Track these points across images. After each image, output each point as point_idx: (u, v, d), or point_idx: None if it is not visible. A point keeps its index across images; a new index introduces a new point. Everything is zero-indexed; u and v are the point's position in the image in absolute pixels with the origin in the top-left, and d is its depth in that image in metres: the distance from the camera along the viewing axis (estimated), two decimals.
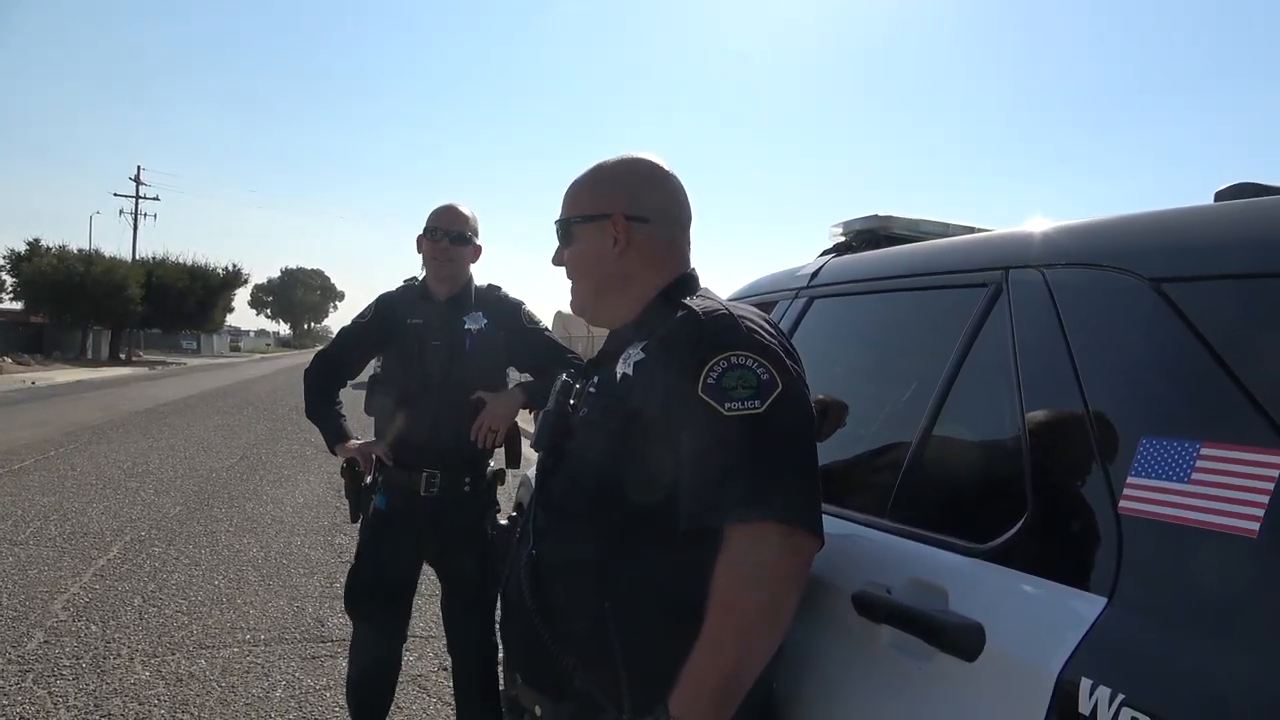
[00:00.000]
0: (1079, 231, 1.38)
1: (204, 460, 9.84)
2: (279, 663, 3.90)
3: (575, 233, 1.51)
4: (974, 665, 1.12)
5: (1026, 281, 1.37)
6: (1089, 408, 1.16)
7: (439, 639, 3.97)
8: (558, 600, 1.38)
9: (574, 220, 1.51)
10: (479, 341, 2.73)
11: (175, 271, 42.65)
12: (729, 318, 1.31)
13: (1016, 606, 1.13)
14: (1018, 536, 1.19)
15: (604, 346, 1.55)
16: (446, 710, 3.43)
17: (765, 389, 1.22)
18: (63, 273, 35.58)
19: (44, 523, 6.35)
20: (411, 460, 2.66)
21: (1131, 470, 1.06)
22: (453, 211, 2.73)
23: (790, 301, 2.12)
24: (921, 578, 1.28)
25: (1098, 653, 1.00)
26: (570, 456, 1.48)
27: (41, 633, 4.13)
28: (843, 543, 1.47)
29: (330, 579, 5.18)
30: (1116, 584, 1.04)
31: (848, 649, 1.37)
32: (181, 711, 3.36)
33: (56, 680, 3.59)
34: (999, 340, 1.36)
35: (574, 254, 1.52)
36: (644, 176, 1.52)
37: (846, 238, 2.25)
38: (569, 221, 1.52)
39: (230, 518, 6.82)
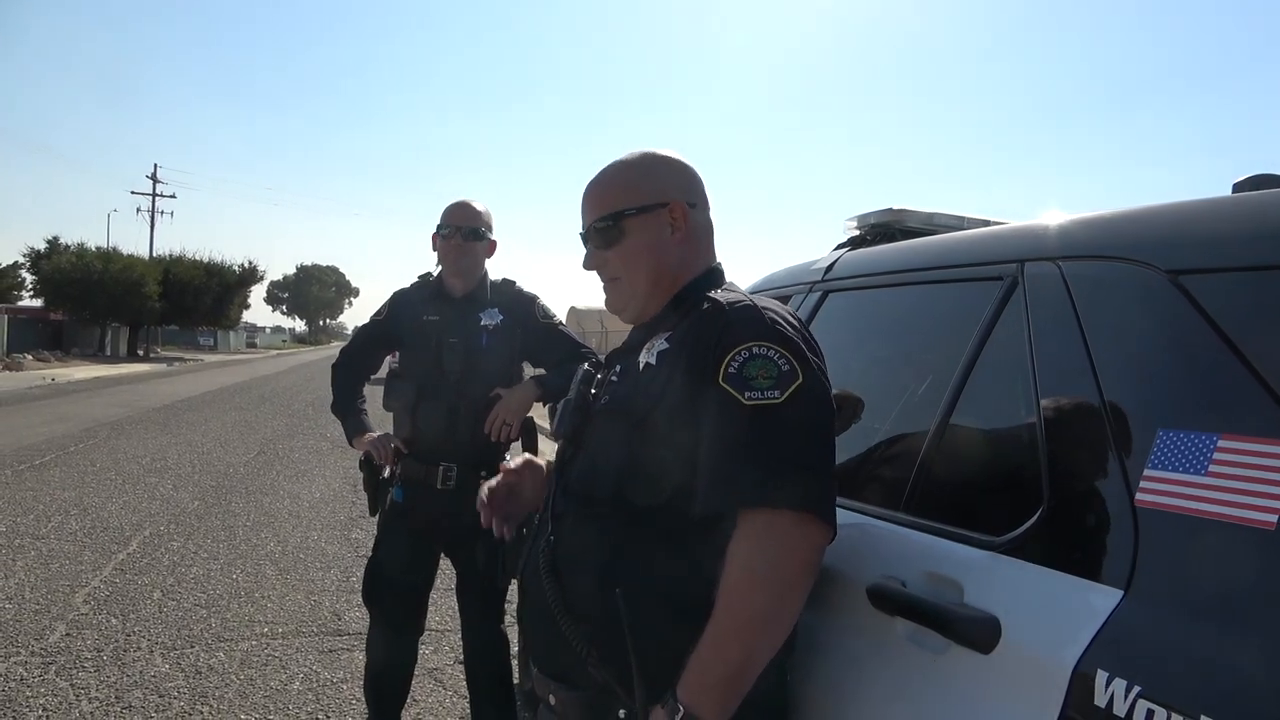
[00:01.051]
0: (1094, 224, 1.37)
1: (221, 455, 9.92)
2: (296, 656, 3.93)
3: (628, 226, 1.48)
4: (989, 658, 1.13)
5: (1042, 274, 1.36)
6: (1105, 400, 1.16)
7: (454, 632, 3.99)
8: (574, 587, 1.39)
9: (627, 213, 1.48)
10: (494, 337, 2.75)
11: (192, 269, 42.96)
12: (752, 309, 1.33)
13: (1032, 599, 1.13)
14: (1033, 529, 1.18)
15: (628, 339, 1.57)
16: (462, 703, 3.45)
17: (785, 379, 1.23)
18: (81, 270, 35.90)
19: (65, 517, 6.42)
20: (428, 454, 2.68)
21: (1148, 463, 1.06)
22: (466, 208, 2.74)
23: (805, 295, 2.12)
24: (937, 570, 1.28)
25: (1114, 645, 1.00)
26: (590, 444, 1.49)
27: (64, 625, 4.18)
28: (858, 535, 1.47)
29: (346, 573, 5.21)
30: (1133, 577, 1.03)
31: (862, 641, 1.37)
32: (201, 703, 3.40)
33: (78, 672, 3.64)
34: (1014, 333, 1.36)
35: (629, 247, 1.49)
36: (682, 165, 1.55)
37: (861, 231, 2.25)
38: (621, 215, 1.49)
39: (248, 512, 6.88)
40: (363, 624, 4.22)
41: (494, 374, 2.72)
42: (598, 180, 1.55)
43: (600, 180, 1.54)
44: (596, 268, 1.54)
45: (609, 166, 1.56)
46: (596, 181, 1.55)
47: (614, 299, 1.55)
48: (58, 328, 38.65)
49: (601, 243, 1.51)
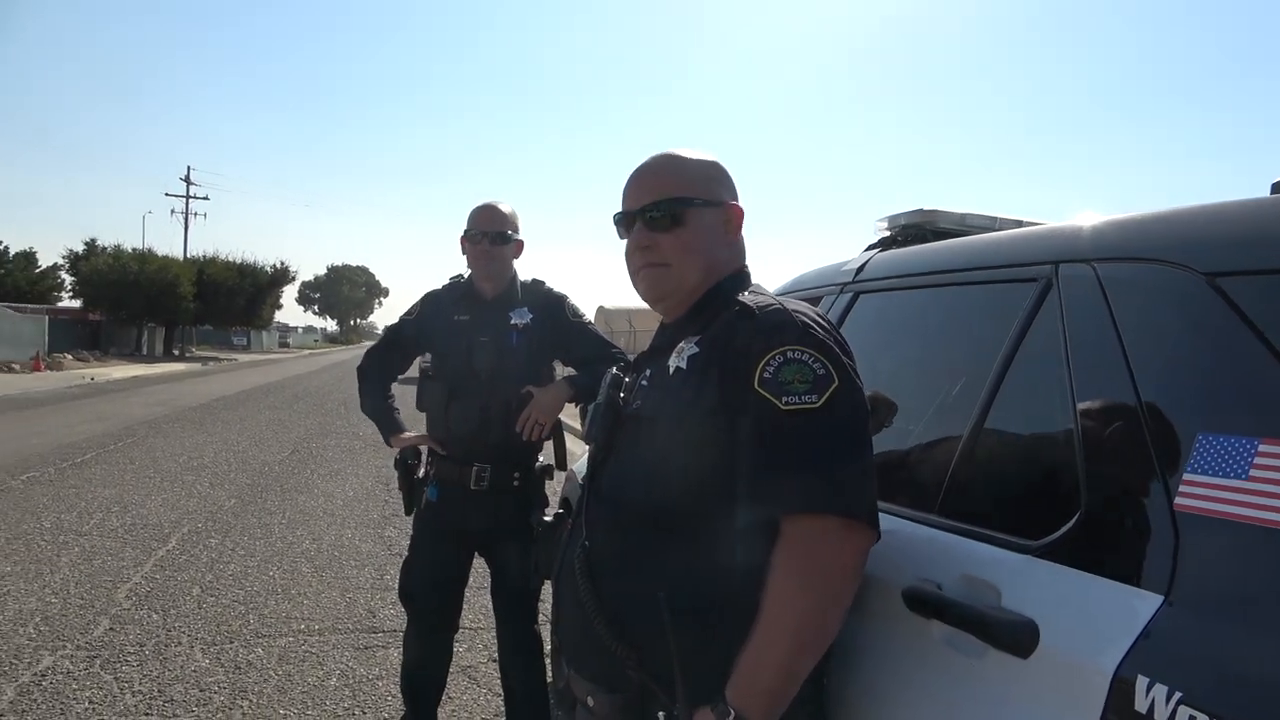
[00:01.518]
0: (1130, 225, 1.36)
1: (256, 454, 10.06)
2: (333, 652, 3.99)
3: (690, 215, 1.47)
4: (1027, 662, 1.12)
5: (1077, 276, 1.35)
6: (1143, 403, 1.15)
7: (488, 630, 4.03)
8: (611, 592, 1.40)
9: (694, 202, 1.48)
10: (524, 336, 2.77)
11: (225, 269, 43.59)
12: (784, 312, 1.33)
13: (1070, 604, 1.13)
14: (1071, 533, 1.18)
15: (654, 341, 1.57)
16: (496, 701, 3.48)
17: (822, 383, 1.23)
18: (118, 271, 36.58)
19: (106, 514, 6.55)
20: (462, 454, 2.70)
21: (1188, 467, 1.05)
22: (492, 212, 2.75)
23: (835, 297, 2.12)
24: (973, 574, 1.28)
25: (1154, 651, 0.99)
26: (622, 449, 1.49)
27: (107, 620, 4.27)
28: (892, 538, 1.46)
29: (381, 571, 5.28)
30: (1173, 581, 1.03)
31: (898, 645, 1.37)
32: (240, 698, 3.46)
33: (122, 666, 3.72)
34: (1050, 335, 1.35)
35: (686, 236, 1.47)
36: (729, 174, 1.56)
37: (892, 232, 2.24)
38: (687, 201, 1.48)
39: (283, 510, 6.98)
40: (396, 621, 4.28)
41: (524, 373, 2.74)
42: (659, 165, 1.53)
43: (662, 166, 1.53)
44: (644, 247, 1.49)
45: (668, 155, 1.54)
46: (657, 166, 1.53)
47: (656, 286, 1.51)
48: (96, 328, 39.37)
49: (658, 225, 1.48)
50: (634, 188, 1.53)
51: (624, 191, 1.55)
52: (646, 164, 1.55)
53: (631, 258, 1.53)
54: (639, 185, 1.52)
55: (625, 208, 1.54)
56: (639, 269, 1.52)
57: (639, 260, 1.51)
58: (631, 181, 1.54)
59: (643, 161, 1.56)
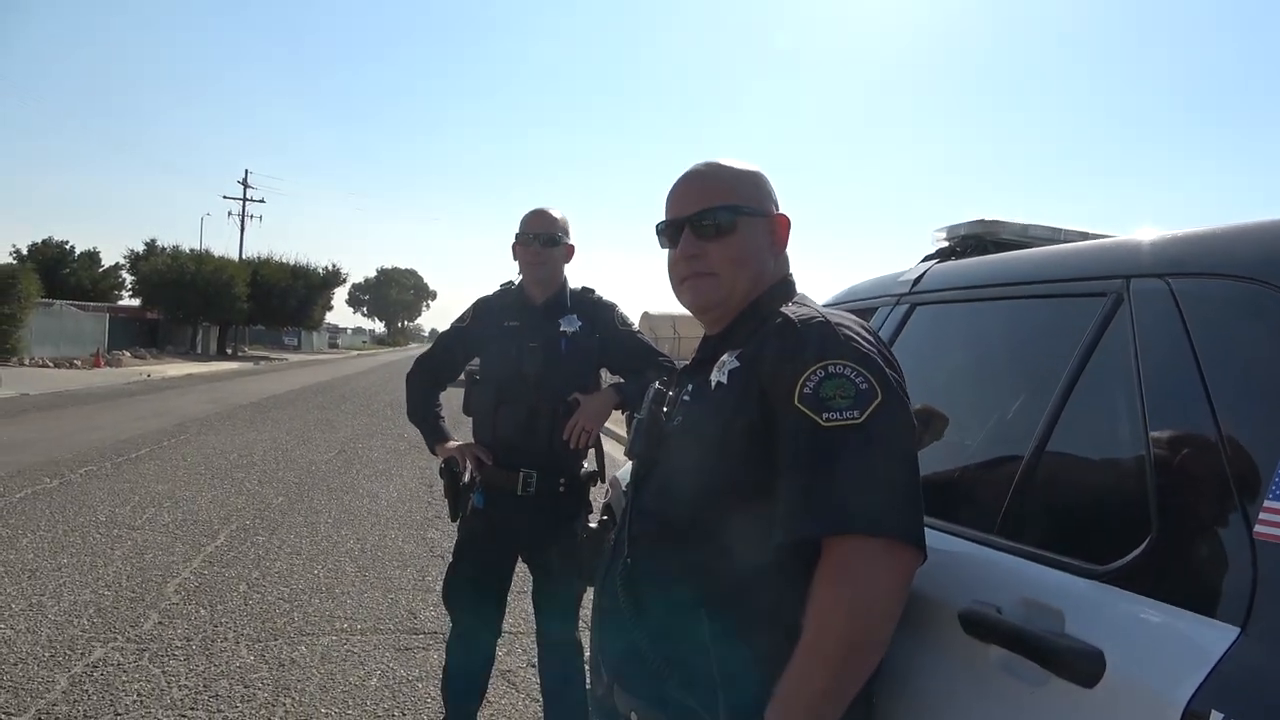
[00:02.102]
0: (1207, 239, 1.30)
1: (304, 453, 10.22)
2: (374, 652, 4.02)
3: (740, 223, 1.45)
4: (1092, 692, 1.08)
5: (1150, 291, 1.30)
6: (1220, 426, 1.10)
7: (527, 635, 4.02)
8: (654, 608, 1.38)
9: (744, 210, 1.46)
10: (574, 344, 2.77)
11: (278, 271, 44.48)
12: (826, 325, 1.29)
13: (1139, 632, 1.08)
14: (1141, 559, 1.13)
15: (697, 354, 1.54)
16: (534, 706, 3.47)
17: (864, 398, 1.19)
18: (176, 271, 37.50)
19: (158, 509, 6.70)
20: (509, 460, 2.70)
21: (1270, 494, 1.00)
22: (543, 216, 2.77)
23: (891, 308, 2.08)
24: (1035, 598, 1.23)
25: (1230, 685, 0.95)
26: (664, 464, 1.47)
27: (156, 614, 4.36)
28: (948, 559, 1.42)
29: (422, 572, 5.31)
30: (1250, 613, 0.98)
31: (954, 669, 1.33)
32: (284, 695, 3.50)
33: (169, 660, 3.78)
34: (1119, 352, 1.30)
35: (737, 244, 1.45)
36: (771, 182, 1.53)
37: (950, 243, 2.19)
38: (737, 209, 1.46)
39: (329, 509, 7.07)
40: (437, 624, 4.31)
41: (573, 380, 2.74)
42: (707, 173, 1.51)
43: (710, 174, 1.50)
44: (692, 256, 1.46)
45: (714, 164, 1.52)
46: (705, 174, 1.51)
47: (704, 296, 1.48)
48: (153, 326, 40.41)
49: (707, 233, 1.45)
50: (680, 195, 1.50)
51: (669, 199, 1.52)
52: (693, 172, 1.52)
53: (677, 267, 1.50)
54: (686, 193, 1.50)
55: (671, 216, 1.51)
56: (685, 278, 1.49)
57: (685, 269, 1.48)
58: (677, 189, 1.52)
59: (687, 170, 1.54)
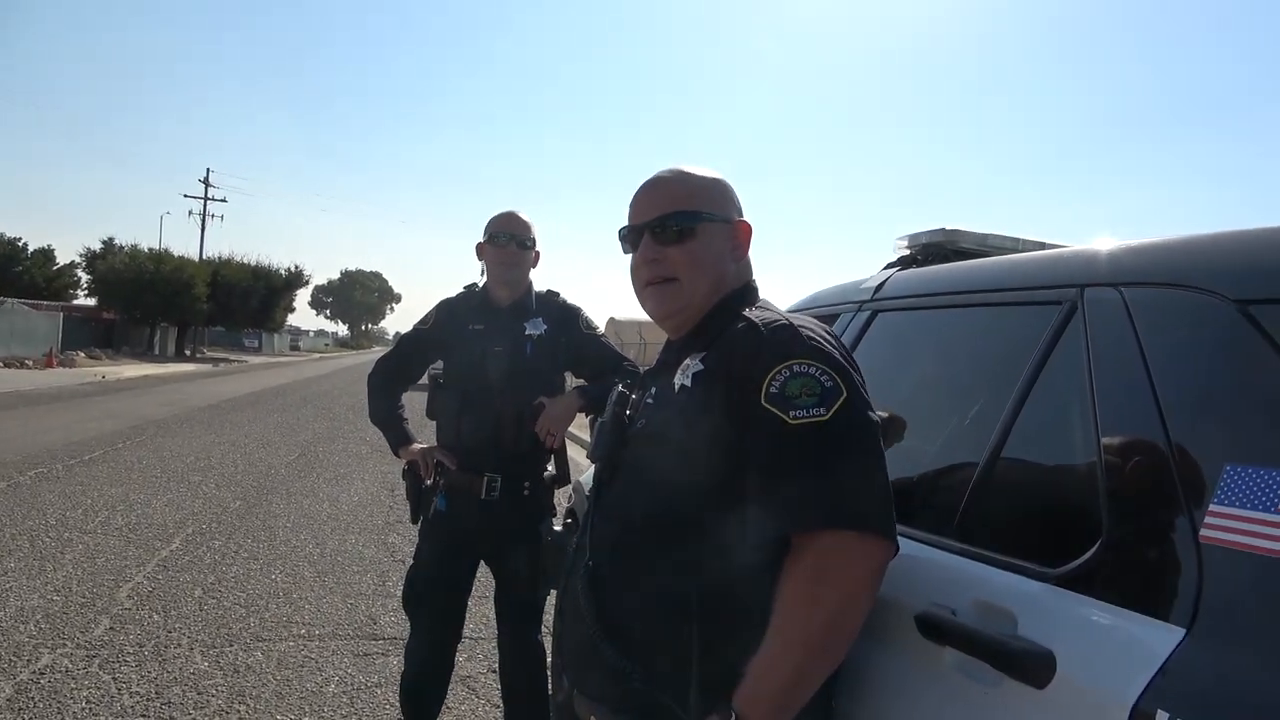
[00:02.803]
0: (1159, 250, 1.34)
1: (264, 456, 10.07)
2: (332, 658, 3.96)
3: (701, 229, 1.46)
4: (1044, 693, 1.10)
5: (1103, 300, 1.33)
6: (1169, 432, 1.12)
7: (489, 640, 4.00)
8: (617, 610, 1.38)
9: (705, 216, 1.46)
10: (539, 346, 2.76)
11: (240, 271, 43.83)
12: (789, 327, 1.31)
13: (1089, 634, 1.10)
14: (1091, 562, 1.15)
15: (660, 357, 1.55)
16: (495, 712, 3.45)
17: (830, 396, 1.21)
18: (134, 270, 36.79)
19: (111, 513, 6.56)
20: (473, 464, 2.69)
21: (1214, 498, 1.03)
22: (515, 218, 2.76)
23: (853, 315, 2.10)
24: (988, 600, 1.25)
25: (1176, 685, 0.97)
26: (627, 467, 1.48)
27: (108, 620, 4.26)
28: (905, 561, 1.43)
29: (383, 577, 5.25)
30: (1196, 615, 1.00)
31: (910, 670, 1.34)
32: (238, 702, 3.43)
33: (120, 667, 3.70)
34: (1073, 360, 1.33)
35: (697, 250, 1.46)
36: (734, 189, 1.54)
37: (912, 251, 2.22)
38: (699, 216, 1.46)
39: (288, 514, 6.97)
40: (397, 629, 4.26)
41: (538, 383, 2.73)
42: (668, 179, 1.52)
43: (672, 180, 1.51)
44: (652, 261, 1.47)
45: (676, 170, 1.53)
46: (667, 180, 1.51)
47: (665, 302, 1.48)
48: (109, 326, 39.61)
49: (668, 238, 1.46)
50: (642, 201, 1.51)
51: (632, 205, 1.54)
52: (654, 179, 1.53)
53: (638, 272, 1.51)
54: (647, 199, 1.51)
55: (632, 222, 1.52)
56: (646, 284, 1.50)
57: (646, 274, 1.49)
58: (639, 196, 1.53)
59: (649, 177, 1.55)
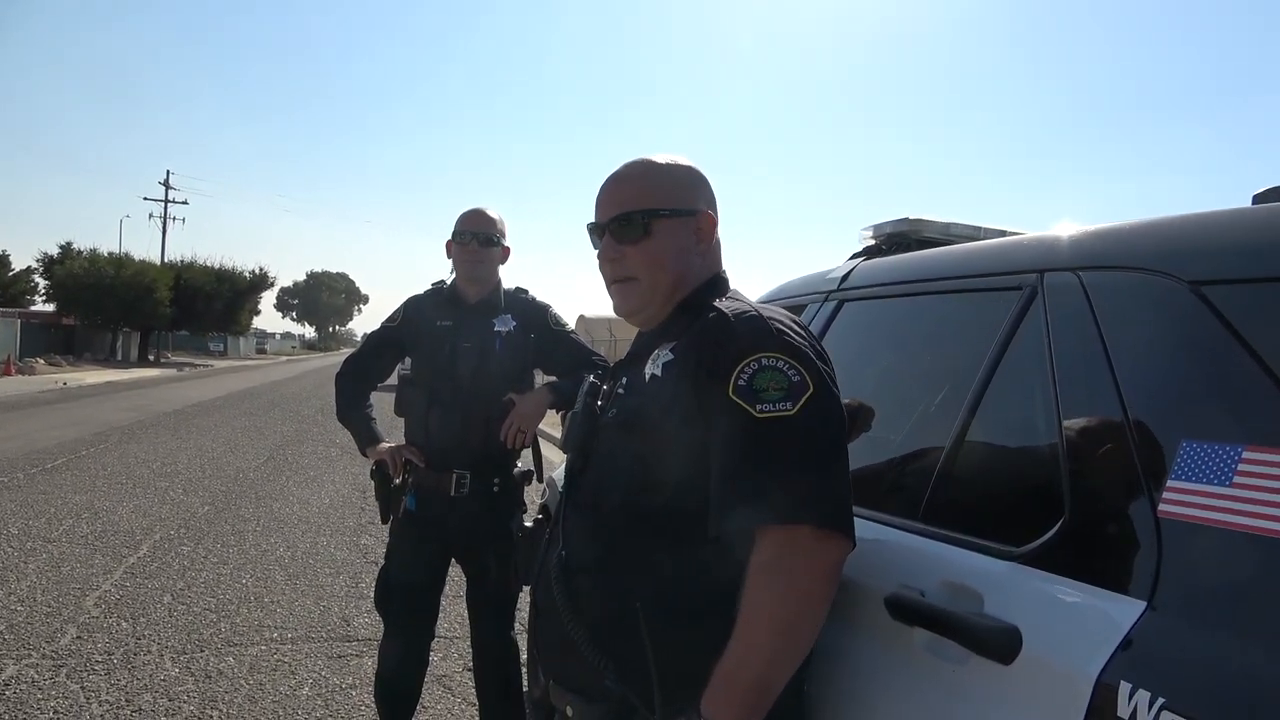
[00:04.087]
0: (1115, 234, 1.37)
1: (232, 460, 9.94)
2: (306, 661, 3.93)
3: (656, 226, 1.45)
4: (1010, 668, 1.12)
5: (1062, 284, 1.36)
6: (1127, 411, 1.15)
7: (463, 639, 3.98)
8: (589, 601, 1.38)
9: (660, 213, 1.45)
10: (507, 343, 2.75)
11: (203, 274, 43.20)
12: (759, 319, 1.31)
13: (1053, 610, 1.13)
14: (1054, 540, 1.18)
15: (632, 348, 1.55)
16: (470, 710, 3.44)
17: (797, 390, 1.21)
18: (93, 275, 36.09)
19: (76, 521, 6.44)
20: (442, 461, 2.68)
21: (1171, 474, 1.05)
22: (481, 215, 2.75)
23: (820, 304, 2.12)
24: (955, 580, 1.28)
25: (1137, 656, 0.99)
26: (599, 457, 1.48)
27: (74, 629, 4.19)
28: (874, 545, 1.46)
29: (356, 579, 5.21)
30: (1156, 588, 1.03)
31: (881, 651, 1.36)
32: (210, 708, 3.40)
33: (89, 675, 3.64)
34: (1034, 343, 1.36)
35: (653, 248, 1.45)
36: (705, 178, 1.54)
37: (877, 241, 2.25)
38: (653, 213, 1.45)
39: (258, 517, 6.89)
40: (371, 630, 4.23)
41: (507, 380, 2.72)
42: (627, 175, 1.51)
43: (630, 175, 1.50)
44: (612, 260, 1.48)
45: (638, 163, 1.52)
46: (626, 176, 1.51)
47: (626, 300, 1.49)
48: (69, 332, 38.85)
49: (623, 238, 1.46)
50: (604, 198, 1.51)
51: (596, 200, 1.53)
52: (616, 173, 1.53)
53: (602, 269, 1.52)
54: (608, 196, 1.51)
55: (596, 218, 1.52)
56: (610, 283, 1.51)
57: (608, 273, 1.51)
58: (602, 191, 1.52)
59: (614, 170, 1.54)
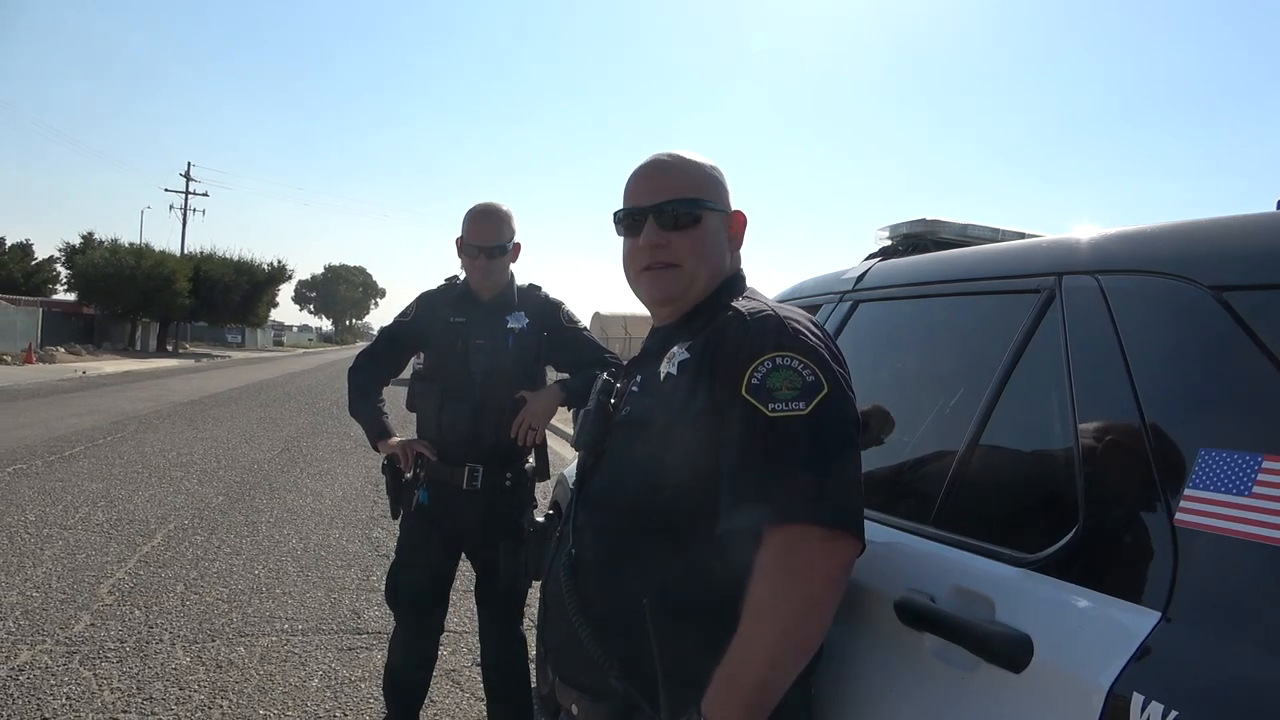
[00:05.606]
0: (1136, 238, 1.34)
1: (246, 451, 10.00)
2: (316, 653, 3.95)
3: (706, 217, 1.45)
4: (1021, 677, 1.10)
5: (1081, 288, 1.34)
6: (1145, 418, 1.13)
7: (472, 634, 3.99)
8: (597, 599, 1.37)
9: (707, 204, 1.46)
10: (520, 340, 2.75)
11: (222, 266, 43.52)
12: (775, 319, 1.30)
13: (1066, 618, 1.11)
14: (1068, 547, 1.16)
15: (645, 345, 1.54)
16: (478, 705, 3.44)
17: (810, 390, 1.20)
18: (114, 265, 36.43)
19: (92, 509, 6.50)
20: (454, 456, 2.68)
21: (1189, 482, 1.03)
22: (488, 225, 2.68)
23: (835, 305, 2.10)
24: (967, 586, 1.26)
25: (1151, 668, 0.97)
26: (611, 455, 1.47)
27: (88, 616, 4.22)
28: (885, 549, 1.45)
29: (367, 572, 5.23)
30: (1171, 598, 1.01)
31: (889, 656, 1.35)
32: (220, 697, 3.42)
33: (101, 663, 3.67)
34: (1051, 347, 1.34)
35: (701, 237, 1.45)
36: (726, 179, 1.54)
37: (893, 241, 2.23)
38: (702, 203, 1.45)
39: (271, 509, 6.93)
40: (381, 623, 4.25)
41: (519, 377, 2.72)
42: (673, 164, 1.49)
43: (678, 165, 1.49)
44: (657, 246, 1.44)
45: (680, 156, 1.50)
46: (672, 165, 1.49)
47: (666, 287, 1.46)
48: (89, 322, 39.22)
49: (671, 223, 1.44)
50: (644, 184, 1.47)
51: (630, 187, 1.49)
52: (656, 161, 1.50)
53: (638, 256, 1.47)
54: (651, 181, 1.47)
55: (633, 204, 1.47)
56: (646, 268, 1.46)
57: (647, 259, 1.46)
58: (640, 178, 1.49)
59: (649, 158, 1.51)
